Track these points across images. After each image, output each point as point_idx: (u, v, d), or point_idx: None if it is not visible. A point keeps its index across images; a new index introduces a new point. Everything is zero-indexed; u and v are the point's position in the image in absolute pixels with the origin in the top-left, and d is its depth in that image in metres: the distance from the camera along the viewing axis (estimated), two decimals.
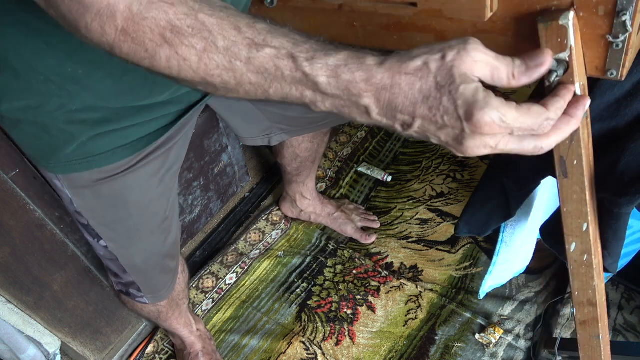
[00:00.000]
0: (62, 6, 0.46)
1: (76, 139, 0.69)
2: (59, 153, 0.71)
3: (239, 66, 0.46)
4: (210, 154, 1.43)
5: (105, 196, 0.79)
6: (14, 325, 1.09)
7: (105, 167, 0.74)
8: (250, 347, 1.42)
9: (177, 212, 0.97)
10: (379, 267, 1.55)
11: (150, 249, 0.94)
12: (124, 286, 1.01)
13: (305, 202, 1.62)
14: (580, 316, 0.84)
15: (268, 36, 0.46)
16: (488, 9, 0.52)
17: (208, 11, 0.46)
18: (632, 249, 1.15)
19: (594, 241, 0.70)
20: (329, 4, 0.64)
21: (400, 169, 1.78)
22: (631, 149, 0.76)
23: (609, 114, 0.77)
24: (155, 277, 1.01)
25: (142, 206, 0.85)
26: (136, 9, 0.45)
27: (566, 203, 0.67)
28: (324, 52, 0.46)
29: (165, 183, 0.85)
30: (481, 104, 0.42)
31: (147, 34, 0.46)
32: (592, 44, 0.52)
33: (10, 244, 1.02)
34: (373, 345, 1.40)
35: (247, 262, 1.58)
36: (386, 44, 0.65)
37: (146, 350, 1.42)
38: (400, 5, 0.58)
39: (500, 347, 1.36)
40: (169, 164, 0.83)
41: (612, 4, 0.47)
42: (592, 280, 0.76)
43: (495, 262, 1.29)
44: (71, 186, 0.77)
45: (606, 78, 0.53)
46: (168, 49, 0.46)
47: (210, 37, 0.46)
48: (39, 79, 0.61)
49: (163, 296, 1.06)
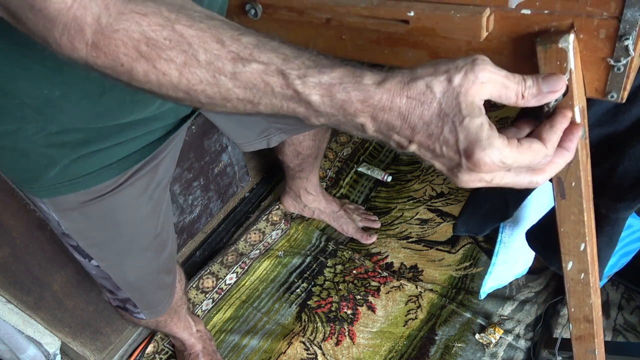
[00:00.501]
0: (28, 22, 0.42)
1: (58, 162, 0.66)
2: (42, 177, 0.68)
3: (223, 81, 0.44)
4: (210, 154, 1.43)
5: (93, 217, 0.76)
6: (14, 325, 1.09)
7: (91, 188, 0.71)
8: (250, 347, 1.42)
9: (171, 225, 0.94)
10: (379, 267, 1.54)
11: (144, 267, 0.91)
12: (120, 302, 0.99)
13: (310, 197, 1.59)
14: (577, 332, 0.84)
15: (255, 50, 0.43)
16: (484, 29, 0.51)
17: (186, 22, 0.43)
18: (632, 249, 1.15)
19: (591, 260, 0.69)
20: (316, 17, 0.62)
21: (400, 169, 1.78)
22: (629, 154, 0.76)
23: (607, 119, 0.77)
24: (151, 293, 0.98)
25: (133, 225, 0.82)
26: (105, 21, 0.41)
27: (563, 223, 0.66)
28: (317, 69, 0.43)
29: (155, 199, 0.82)
30: (484, 144, 0.41)
31: (120, 47, 0.42)
32: (592, 66, 0.50)
33: (10, 244, 1.02)
34: (373, 345, 1.40)
35: (247, 262, 1.58)
36: (377, 58, 0.63)
37: (146, 350, 1.42)
38: (390, 22, 0.56)
39: (500, 347, 1.36)
40: (158, 179, 0.80)
41: (614, 27, 0.46)
42: (588, 298, 0.75)
43: (494, 263, 1.29)
44: (57, 209, 0.73)
45: (606, 100, 0.52)
46: (145, 63, 0.43)
47: (190, 50, 0.42)
48: (14, 103, 0.58)
49: (161, 311, 1.04)
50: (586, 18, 0.47)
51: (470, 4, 0.51)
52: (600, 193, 0.82)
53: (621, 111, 0.76)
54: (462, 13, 0.50)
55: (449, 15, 0.51)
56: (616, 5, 0.45)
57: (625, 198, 0.80)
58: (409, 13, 0.54)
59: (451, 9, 0.51)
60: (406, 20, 0.55)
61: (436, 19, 0.52)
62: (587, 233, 0.65)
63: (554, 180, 0.62)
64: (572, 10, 0.47)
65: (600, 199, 0.82)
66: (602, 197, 0.82)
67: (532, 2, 0.49)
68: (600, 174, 0.81)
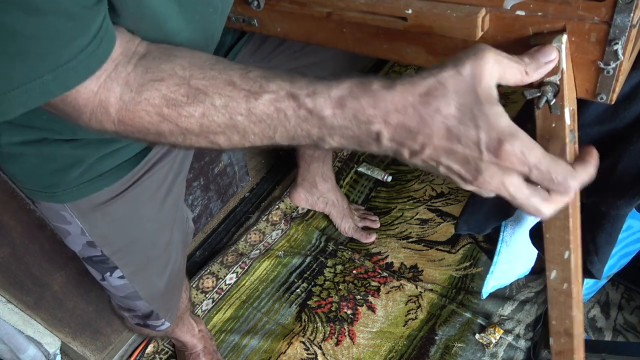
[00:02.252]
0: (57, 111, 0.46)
1: (84, 161, 0.67)
2: (66, 178, 0.68)
3: (240, 120, 0.45)
4: (211, 154, 1.43)
5: (117, 217, 0.76)
6: (14, 325, 1.09)
7: (113, 185, 0.72)
8: (250, 347, 1.42)
9: (183, 220, 0.95)
10: (379, 267, 1.55)
11: (168, 265, 0.91)
12: (141, 319, 0.98)
13: (326, 185, 1.56)
14: (557, 346, 0.82)
15: (263, 82, 0.45)
16: (479, 29, 0.51)
17: (199, 75, 0.45)
18: (632, 249, 1.15)
19: (575, 270, 0.69)
20: (317, 10, 0.63)
21: (400, 169, 1.78)
22: (630, 151, 0.76)
23: (607, 116, 0.77)
24: (170, 292, 0.98)
25: (155, 219, 0.83)
26: (128, 98, 0.45)
27: (549, 229, 0.65)
28: (325, 85, 0.44)
29: (174, 192, 0.83)
30: (506, 132, 0.40)
31: (144, 117, 0.45)
32: (582, 67, 0.51)
33: (10, 244, 1.02)
34: (373, 345, 1.40)
35: (247, 262, 1.59)
36: (376, 52, 0.64)
37: (146, 350, 1.42)
38: (389, 18, 0.56)
39: (500, 347, 1.36)
40: (176, 169, 0.81)
41: (605, 32, 0.47)
42: (570, 310, 0.74)
43: (496, 262, 1.29)
44: (81, 214, 0.73)
45: (596, 101, 0.53)
46: (168, 124, 0.46)
47: (207, 100, 0.45)
48: (42, 118, 0.60)
49: (176, 309, 1.04)
50: (578, 22, 0.48)
51: (466, 3, 0.51)
52: (600, 190, 0.82)
53: (621, 108, 0.76)
54: (458, 13, 0.51)
55: (445, 14, 0.51)
56: (607, 10, 0.46)
57: (626, 195, 0.80)
58: (407, 11, 0.54)
59: (448, 8, 0.51)
60: (404, 17, 0.55)
61: (433, 17, 0.52)
62: (572, 240, 0.65)
63: None
64: (565, 13, 0.48)
65: (600, 196, 0.82)
66: (603, 194, 0.82)
67: (526, 4, 0.49)
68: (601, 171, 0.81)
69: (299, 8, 0.64)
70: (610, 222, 0.83)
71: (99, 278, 0.85)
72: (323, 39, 0.67)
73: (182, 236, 0.95)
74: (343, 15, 0.61)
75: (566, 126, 0.54)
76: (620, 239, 0.94)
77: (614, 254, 1.07)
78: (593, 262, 0.88)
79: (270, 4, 0.67)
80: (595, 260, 0.88)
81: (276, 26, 0.70)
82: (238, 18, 0.73)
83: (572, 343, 0.80)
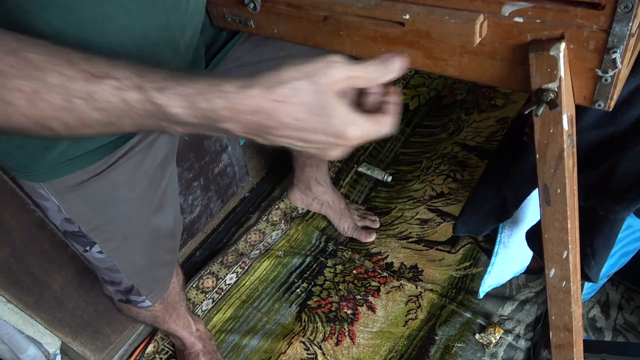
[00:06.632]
0: None
1: (57, 147, 0.67)
2: (40, 160, 0.68)
3: (78, 104, 0.42)
4: (210, 154, 1.43)
5: (92, 197, 0.77)
6: (14, 325, 1.10)
7: (88, 167, 0.72)
8: (250, 347, 1.42)
9: (174, 202, 0.95)
10: (379, 267, 1.55)
11: (146, 244, 0.92)
12: (123, 293, 0.99)
13: (320, 188, 1.58)
14: (556, 340, 0.85)
15: (107, 68, 0.42)
16: (477, 35, 0.51)
17: (33, 48, 0.41)
18: (632, 249, 1.15)
19: (573, 268, 0.70)
20: (314, 14, 0.63)
21: (400, 169, 1.78)
22: (628, 155, 0.76)
23: (606, 120, 0.77)
24: (154, 271, 0.99)
25: (131, 202, 0.82)
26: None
27: (548, 230, 0.66)
28: (176, 82, 0.43)
29: (150, 175, 0.83)
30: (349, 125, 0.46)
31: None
32: (581, 75, 0.51)
33: (10, 244, 1.02)
34: (373, 345, 1.40)
35: (247, 262, 1.59)
36: (374, 55, 0.64)
37: (146, 350, 1.42)
38: (387, 22, 0.57)
39: (500, 347, 1.36)
40: (153, 154, 0.81)
41: (603, 40, 0.47)
42: (569, 306, 0.76)
43: (494, 263, 1.29)
44: (57, 192, 0.74)
45: (594, 108, 0.53)
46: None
47: (41, 75, 0.40)
48: None
49: (161, 292, 1.04)
50: (576, 29, 0.48)
51: (464, 9, 0.51)
52: (598, 194, 0.82)
53: (620, 112, 0.76)
54: (455, 19, 0.51)
55: (443, 20, 0.51)
56: (605, 19, 0.46)
57: (624, 199, 0.80)
58: (404, 16, 0.54)
59: (445, 15, 0.51)
60: (402, 22, 0.55)
61: (430, 23, 0.52)
62: (571, 241, 0.66)
63: (539, 187, 0.63)
64: (563, 20, 0.48)
65: (598, 200, 0.82)
66: (601, 198, 0.82)
67: (525, 11, 0.49)
68: (599, 175, 0.81)
69: (296, 11, 0.65)
70: (609, 226, 0.83)
71: (81, 250, 0.86)
72: (320, 42, 0.67)
73: (170, 222, 0.95)
74: (340, 19, 0.61)
75: (564, 131, 0.54)
76: (620, 238, 0.94)
77: (614, 252, 1.07)
78: (590, 265, 0.89)
79: (267, 5, 0.67)
80: (592, 264, 0.88)
81: (273, 28, 0.71)
82: (234, 19, 0.73)
83: (571, 337, 0.82)
